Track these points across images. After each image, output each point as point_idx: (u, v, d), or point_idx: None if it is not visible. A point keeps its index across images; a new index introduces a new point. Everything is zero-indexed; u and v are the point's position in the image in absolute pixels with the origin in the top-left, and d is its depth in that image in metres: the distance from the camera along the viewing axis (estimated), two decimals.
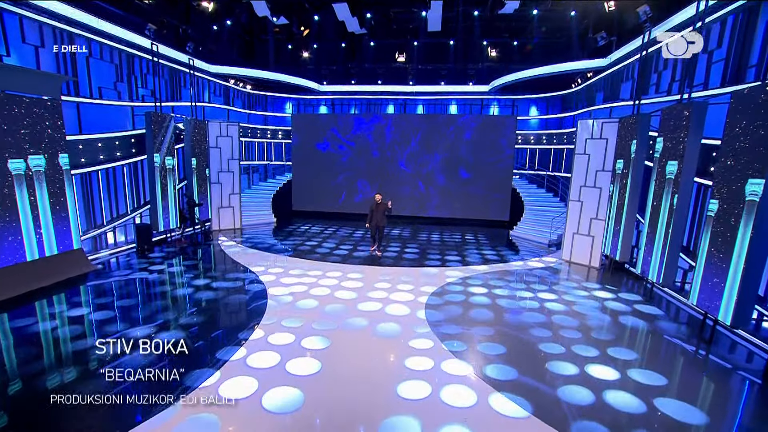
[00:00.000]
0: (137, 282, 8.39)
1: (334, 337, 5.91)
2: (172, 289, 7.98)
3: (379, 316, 6.74)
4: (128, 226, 11.44)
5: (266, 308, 6.95)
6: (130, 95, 11.24)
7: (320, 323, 6.37)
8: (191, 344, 5.54)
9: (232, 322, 6.50)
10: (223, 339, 5.80)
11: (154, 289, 7.97)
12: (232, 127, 14.09)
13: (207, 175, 13.70)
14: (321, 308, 7.03)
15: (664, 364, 5.62)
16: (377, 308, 7.10)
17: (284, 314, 6.69)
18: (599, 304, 7.68)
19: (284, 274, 8.97)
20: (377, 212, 10.69)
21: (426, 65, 17.67)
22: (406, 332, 6.16)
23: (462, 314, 6.99)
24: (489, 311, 7.16)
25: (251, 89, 18.47)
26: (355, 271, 9.34)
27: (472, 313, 7.04)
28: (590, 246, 10.63)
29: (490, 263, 10.67)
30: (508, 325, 6.56)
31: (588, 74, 13.77)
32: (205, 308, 7.03)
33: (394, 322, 6.49)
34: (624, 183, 9.36)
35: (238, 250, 11.36)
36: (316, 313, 6.80)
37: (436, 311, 7.06)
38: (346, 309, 7.00)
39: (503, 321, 6.74)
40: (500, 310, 7.23)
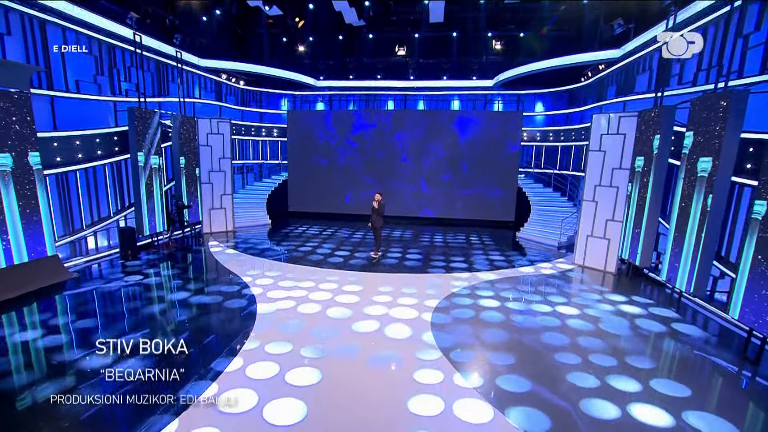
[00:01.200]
0: (112, 294, 7.65)
1: (325, 368, 5.08)
2: (149, 303, 7.23)
3: (378, 340, 5.99)
4: (112, 230, 10.69)
5: (252, 328, 6.21)
6: (112, 89, 10.49)
7: (310, 348, 5.58)
8: (154, 376, 4.67)
9: (209, 346, 5.73)
10: (194, 369, 4.97)
11: (129, 303, 7.22)
12: (223, 124, 13.34)
13: (197, 175, 12.96)
14: (312, 327, 6.27)
15: (718, 396, 4.87)
16: (375, 328, 6.31)
17: (270, 336, 5.95)
18: (628, 321, 6.85)
19: (275, 285, 8.23)
20: (373, 212, 9.99)
21: (427, 59, 16.92)
22: (410, 361, 5.32)
23: (474, 335, 6.19)
24: (504, 331, 6.36)
25: (244, 85, 17.71)
26: (353, 281, 8.59)
27: (486, 335, 6.21)
28: (606, 250, 9.92)
29: (498, 269, 9.95)
30: (529, 350, 5.75)
31: (600, 66, 13.04)
32: (183, 327, 6.29)
33: (395, 348, 5.67)
34: (645, 182, 8.64)
35: (228, 256, 10.63)
36: (306, 335, 6.03)
37: (443, 332, 6.21)
38: (340, 330, 6.22)
39: (522, 344, 5.93)
40: (517, 329, 6.43)
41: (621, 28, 10.33)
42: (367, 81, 18.09)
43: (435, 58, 16.77)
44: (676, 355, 5.82)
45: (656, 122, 8.30)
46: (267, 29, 16.74)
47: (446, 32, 16.38)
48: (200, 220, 13.20)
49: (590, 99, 15.01)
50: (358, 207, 16.88)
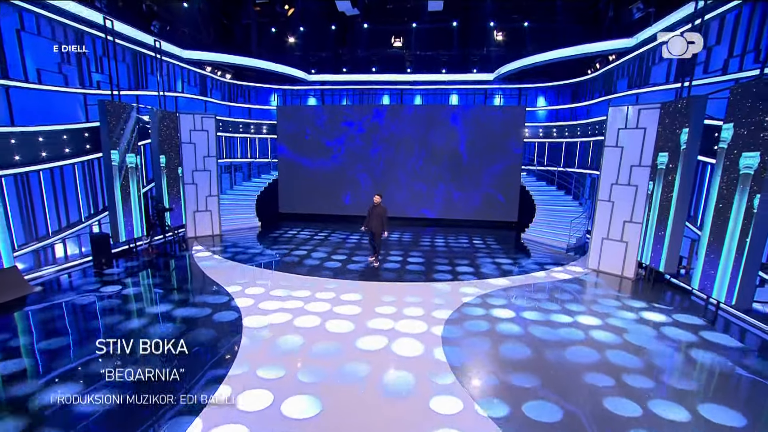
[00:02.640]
0: (79, 310, 6.71)
1: (326, 396, 4.32)
2: (120, 321, 6.29)
3: (385, 359, 5.18)
4: (84, 237, 9.70)
5: (238, 349, 5.34)
6: (82, 80, 9.46)
7: (307, 372, 4.78)
8: (125, 410, 3.92)
9: (189, 372, 4.86)
10: (172, 400, 4.15)
11: (97, 321, 6.28)
12: (207, 120, 12.37)
13: (179, 175, 11.98)
14: (309, 347, 5.43)
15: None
16: (382, 345, 5.54)
17: (261, 359, 5.09)
18: (658, 333, 6.18)
19: (265, 296, 7.35)
20: (373, 215, 9.15)
21: (425, 51, 16.04)
22: (423, 385, 4.60)
23: (492, 352, 5.46)
24: (524, 346, 5.65)
25: (231, 79, 16.69)
26: (352, 290, 7.73)
27: (504, 350, 5.52)
28: (623, 253, 9.18)
29: (508, 275, 9.17)
30: (555, 368, 5.05)
31: (610, 57, 12.30)
32: (160, 349, 5.38)
33: (405, 369, 4.92)
34: (670, 180, 7.90)
35: (214, 263, 9.70)
36: (302, 355, 5.21)
37: (457, 348, 5.53)
38: (341, 349, 5.41)
39: (546, 362, 5.22)
40: (537, 344, 5.72)
41: (639, 13, 9.59)
42: (361, 75, 17.17)
43: (433, 51, 15.90)
44: (721, 375, 5.12)
45: (684, 114, 7.56)
46: (255, 20, 15.72)
47: (446, 22, 15.52)
48: (183, 223, 12.22)
49: (597, 93, 14.29)
50: (352, 208, 16.04)
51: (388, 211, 9.37)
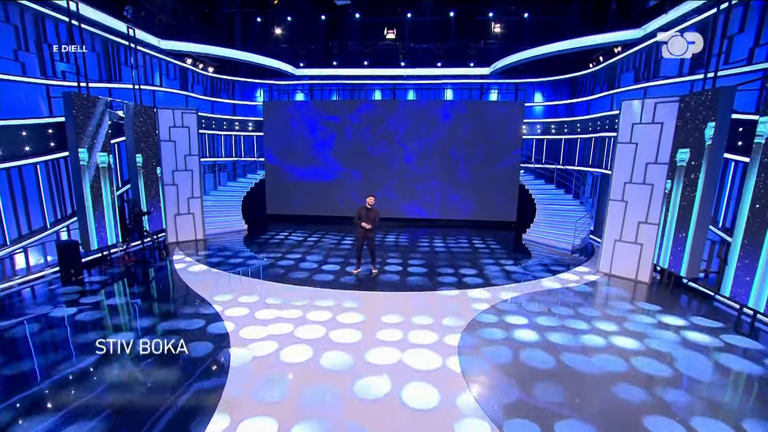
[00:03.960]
0: (33, 332, 5.79)
1: (340, 425, 3.60)
2: (90, 343, 5.41)
3: (400, 374, 4.56)
4: (50, 245, 8.72)
5: (226, 379, 4.55)
6: (43, 70, 8.45)
7: (312, 393, 4.03)
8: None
9: (169, 409, 4.05)
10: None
11: (49, 352, 5.37)
12: (188, 116, 11.42)
13: (158, 176, 11.02)
14: (302, 387, 4.64)
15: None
16: (394, 360, 4.97)
17: (255, 390, 4.31)
18: (678, 336, 5.85)
19: (256, 310, 6.55)
20: (363, 219, 8.32)
21: (420, 44, 15.31)
22: (445, 408, 3.99)
23: (513, 366, 4.93)
24: (546, 354, 5.23)
25: (214, 73, 15.70)
26: (350, 307, 6.90)
27: (526, 361, 5.07)
28: (637, 256, 8.66)
29: (516, 281, 8.56)
30: (582, 381, 4.64)
31: (616, 49, 11.78)
32: (132, 380, 4.55)
33: (422, 380, 4.33)
34: (693, 178, 7.37)
35: (197, 271, 8.83)
36: (294, 402, 4.39)
37: (475, 359, 5.07)
38: (342, 392, 4.62)
39: (572, 374, 4.76)
40: (560, 354, 5.25)
41: (654, 0, 9.06)
42: (352, 69, 16.36)
43: (428, 43, 15.18)
44: (756, 384, 4.63)
45: (709, 107, 7.02)
46: (238, 7, 14.75)
47: (440, 16, 14.81)
48: (164, 228, 11.28)
49: (598, 87, 13.81)
50: (343, 209, 15.27)
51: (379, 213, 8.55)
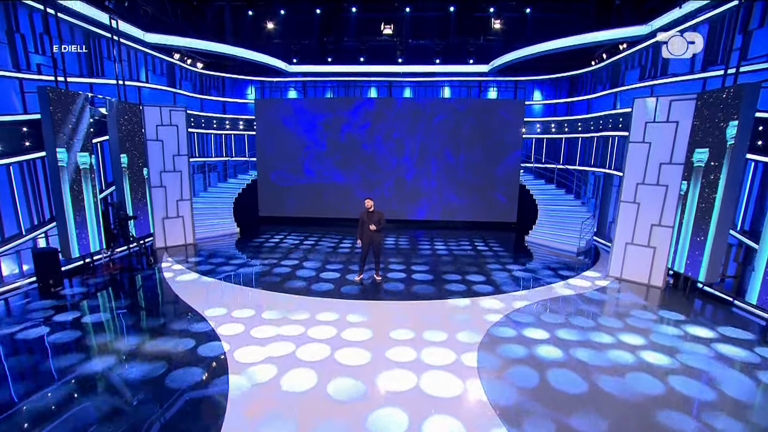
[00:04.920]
0: (8, 351, 5.20)
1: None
2: (67, 368, 4.84)
3: (418, 404, 4.08)
4: (26, 253, 8.05)
5: (225, 408, 4.04)
6: (16, 63, 7.78)
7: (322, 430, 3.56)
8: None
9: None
10: None
11: (19, 379, 4.79)
12: (177, 114, 10.79)
13: (144, 177, 10.39)
14: (320, 396, 4.19)
15: None
16: (411, 385, 4.48)
17: (257, 427, 3.81)
18: (709, 349, 5.50)
19: (253, 326, 6.03)
20: (367, 224, 7.86)
21: (418, 40, 14.85)
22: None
23: (542, 390, 4.50)
24: (575, 374, 4.81)
25: (203, 69, 15.02)
26: (355, 321, 6.41)
27: (552, 380, 4.68)
28: (650, 260, 8.35)
29: (527, 287, 8.18)
30: (621, 407, 4.22)
31: (621, 45, 11.48)
32: (113, 415, 4.02)
33: (444, 411, 3.86)
34: (713, 179, 7.07)
35: (187, 280, 8.25)
36: (311, 408, 3.96)
37: (499, 383, 4.61)
38: (361, 396, 4.21)
39: (608, 399, 4.35)
40: (587, 370, 4.92)
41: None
42: (347, 66, 15.83)
43: (427, 39, 14.72)
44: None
45: (731, 105, 6.71)
46: (229, 2, 14.11)
47: (439, 12, 14.35)
48: (151, 232, 10.64)
49: (599, 86, 13.54)
50: (339, 210, 14.79)
51: (383, 218, 8.03)
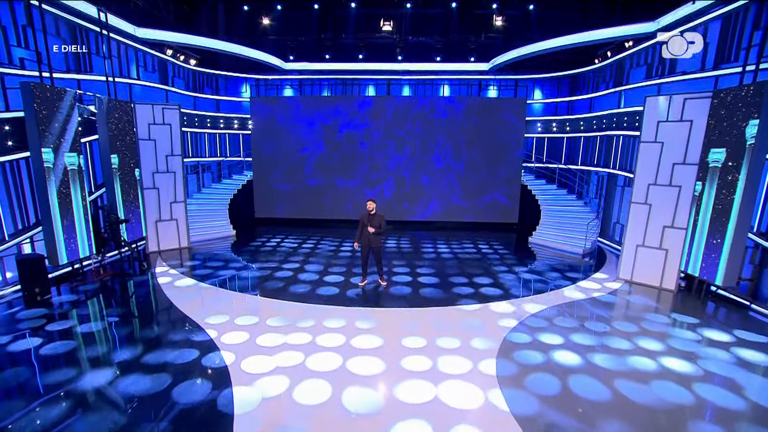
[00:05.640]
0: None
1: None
2: (56, 385, 4.43)
3: (440, 417, 3.79)
4: (8, 260, 7.59)
5: (232, 424, 3.69)
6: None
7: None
8: None
9: None
10: None
11: (20, 382, 4.39)
12: (170, 112, 10.34)
13: (136, 178, 9.94)
14: (336, 409, 3.87)
15: None
16: (429, 397, 4.22)
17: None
18: (731, 355, 5.32)
19: (258, 334, 5.66)
20: (367, 227, 7.51)
21: (418, 37, 14.53)
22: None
23: (565, 399, 4.29)
24: (596, 382, 4.64)
25: (196, 66, 14.55)
26: (364, 329, 6.11)
27: (575, 388, 4.47)
28: (662, 263, 8.14)
29: (537, 291, 7.92)
30: (649, 417, 4.02)
31: (627, 43, 11.28)
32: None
33: (467, 422, 3.61)
34: (731, 180, 6.86)
35: (183, 287, 7.84)
36: (328, 423, 3.64)
37: (520, 392, 4.40)
38: (380, 410, 3.89)
39: (634, 408, 4.15)
40: (608, 377, 4.76)
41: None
42: (344, 63, 15.47)
43: (427, 36, 14.40)
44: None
45: (751, 103, 6.50)
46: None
47: (443, 5, 14.04)
48: (144, 236, 10.19)
49: (603, 84, 13.35)
50: (336, 212, 14.46)
51: (383, 222, 7.71)
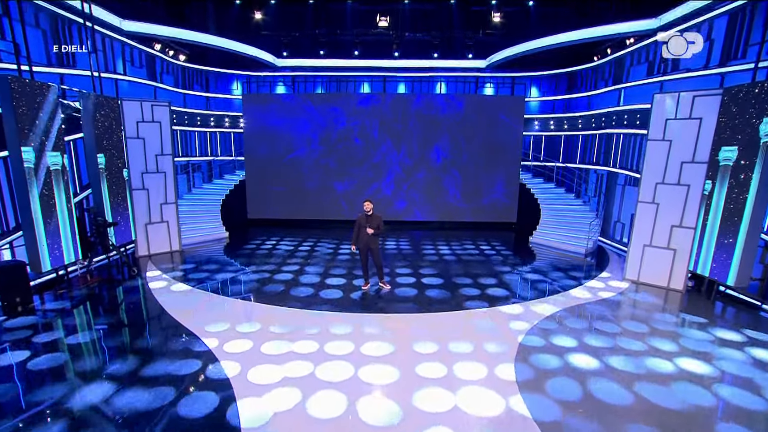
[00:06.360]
0: None
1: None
2: (40, 402, 4.03)
3: (463, 427, 3.51)
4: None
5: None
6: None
7: None
8: None
9: None
10: None
11: None
12: (160, 109, 9.87)
13: (125, 179, 9.46)
14: (353, 422, 3.59)
15: None
16: (449, 406, 3.99)
17: None
18: (748, 356, 5.19)
19: (262, 342, 5.31)
20: (364, 228, 7.24)
21: (415, 33, 14.23)
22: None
23: (587, 404, 4.14)
24: (613, 383, 4.55)
25: (186, 61, 14.03)
26: (371, 326, 5.87)
27: (597, 394, 4.35)
28: (670, 263, 8.01)
29: (544, 292, 7.74)
30: (676, 421, 3.88)
31: (628, 40, 11.15)
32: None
33: None
34: (743, 179, 6.74)
35: (176, 294, 7.43)
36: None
37: (539, 397, 4.27)
38: (400, 421, 3.63)
39: (659, 412, 4.03)
40: (628, 380, 4.64)
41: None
42: (341, 60, 15.10)
43: (424, 33, 14.11)
44: None
45: (765, 100, 6.37)
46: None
47: (441, 0, 13.75)
48: (133, 239, 9.72)
49: (601, 82, 13.24)
50: (333, 212, 14.12)
51: (381, 223, 7.44)
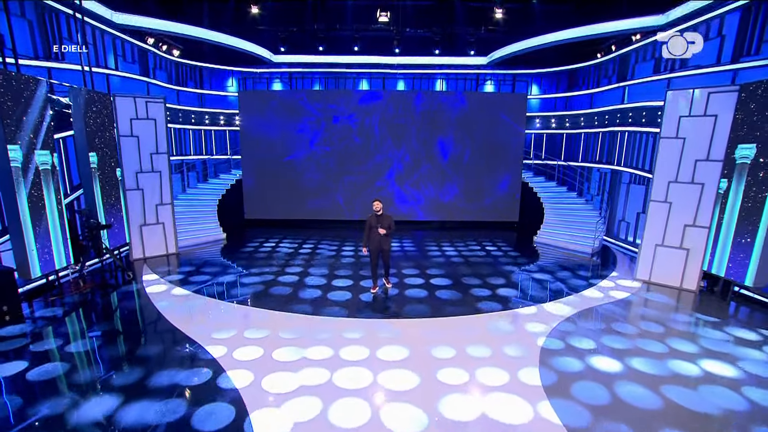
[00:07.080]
0: None
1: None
2: (31, 416, 3.70)
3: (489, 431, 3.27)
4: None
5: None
6: None
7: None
8: None
9: None
10: None
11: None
12: (155, 106, 9.46)
13: (118, 179, 9.05)
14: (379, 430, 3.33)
15: None
16: (476, 413, 3.81)
17: None
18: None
19: (268, 357, 5.01)
20: (376, 228, 6.99)
21: (416, 29, 13.95)
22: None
23: (616, 408, 4.06)
24: (640, 387, 4.46)
25: (180, 57, 13.59)
26: (385, 330, 5.62)
27: (625, 397, 4.26)
28: (683, 263, 7.87)
29: (556, 293, 7.56)
30: (711, 426, 3.74)
31: (634, 37, 11.01)
32: None
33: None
34: (761, 177, 6.60)
35: (174, 299, 7.08)
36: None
37: (566, 402, 4.15)
38: (427, 428, 3.39)
39: (692, 417, 3.92)
40: (655, 383, 4.57)
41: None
42: (339, 56, 14.77)
43: (425, 29, 13.83)
44: None
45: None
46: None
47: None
48: (127, 242, 9.32)
49: (604, 79, 13.12)
50: (332, 212, 13.81)
51: (392, 223, 7.19)
